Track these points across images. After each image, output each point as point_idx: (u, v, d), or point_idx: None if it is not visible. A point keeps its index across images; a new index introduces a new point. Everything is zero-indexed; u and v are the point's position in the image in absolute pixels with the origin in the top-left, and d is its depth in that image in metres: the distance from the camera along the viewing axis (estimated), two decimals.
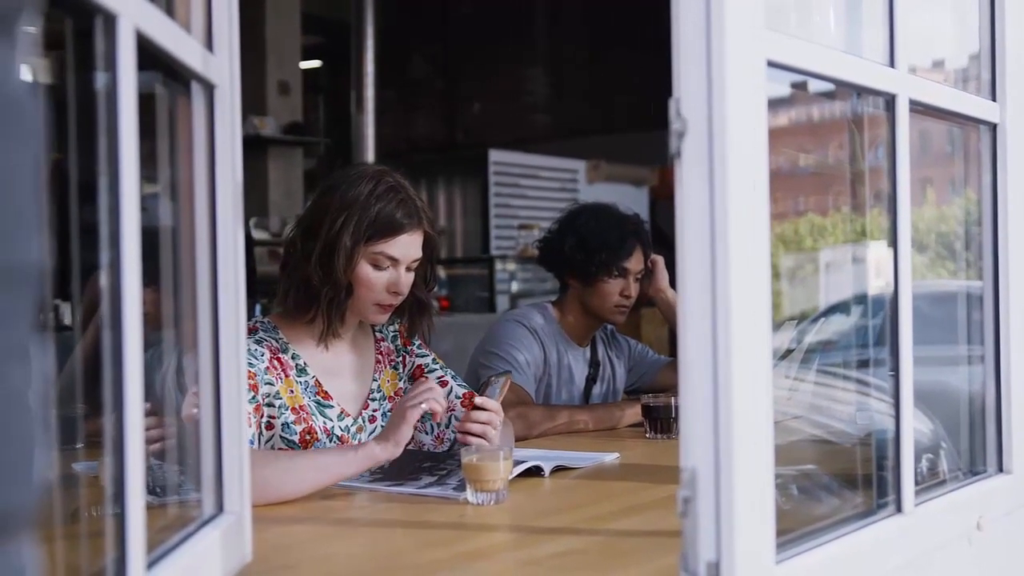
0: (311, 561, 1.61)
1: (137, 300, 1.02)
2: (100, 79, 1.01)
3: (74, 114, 1.04)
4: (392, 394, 2.38)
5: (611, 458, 2.37)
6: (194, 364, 1.39)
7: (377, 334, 2.42)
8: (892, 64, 1.52)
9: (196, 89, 1.34)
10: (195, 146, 1.35)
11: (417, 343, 2.46)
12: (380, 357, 2.39)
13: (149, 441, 1.51)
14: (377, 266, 2.20)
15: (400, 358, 2.43)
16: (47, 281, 0.63)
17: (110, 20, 0.99)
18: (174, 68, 1.24)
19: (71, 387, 1.79)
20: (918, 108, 1.58)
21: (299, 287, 2.21)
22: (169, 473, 1.49)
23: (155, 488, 1.35)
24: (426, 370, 2.43)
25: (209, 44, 1.35)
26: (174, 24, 1.19)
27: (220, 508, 1.37)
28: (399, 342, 2.44)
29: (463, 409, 2.32)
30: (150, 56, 1.11)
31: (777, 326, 1.30)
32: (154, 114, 1.30)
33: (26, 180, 0.60)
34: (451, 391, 2.37)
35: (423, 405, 2.01)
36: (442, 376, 2.41)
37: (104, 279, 1.01)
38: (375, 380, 2.36)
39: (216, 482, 1.37)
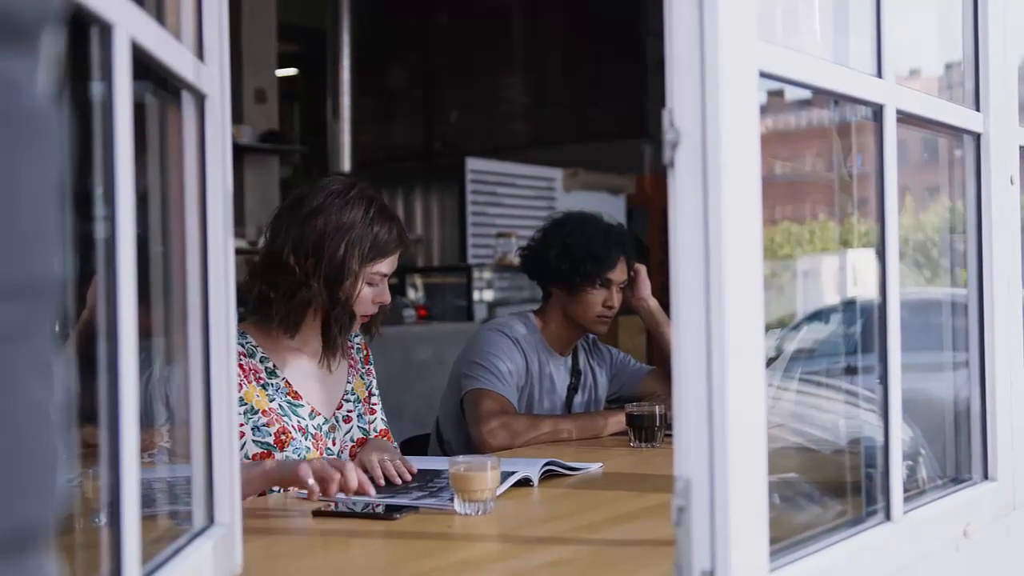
0: (300, 573, 1.60)
1: (132, 310, 1.01)
2: (95, 88, 1.01)
3: (67, 123, 1.03)
4: (363, 399, 2.46)
5: (596, 467, 2.37)
6: (180, 373, 1.39)
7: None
8: (879, 74, 1.53)
9: (187, 99, 1.33)
10: (185, 156, 1.34)
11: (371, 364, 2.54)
12: (352, 362, 2.47)
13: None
14: (371, 284, 2.30)
15: (365, 369, 2.51)
16: (76, 287, 0.63)
17: (106, 30, 0.98)
18: (165, 78, 1.24)
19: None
20: (904, 118, 1.59)
21: (300, 308, 2.26)
22: (155, 484, 1.48)
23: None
24: (371, 393, 2.51)
25: (200, 53, 1.34)
26: (167, 34, 1.19)
27: (211, 520, 1.36)
28: (362, 355, 2.51)
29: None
30: (142, 65, 1.10)
31: None
32: (143, 124, 1.29)
33: (49, 193, 0.60)
34: (350, 430, 2.42)
35: (310, 482, 1.92)
36: (376, 404, 2.51)
37: (100, 289, 1.00)
38: (349, 382, 2.43)
39: (207, 494, 1.36)
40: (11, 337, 0.57)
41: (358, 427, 2.41)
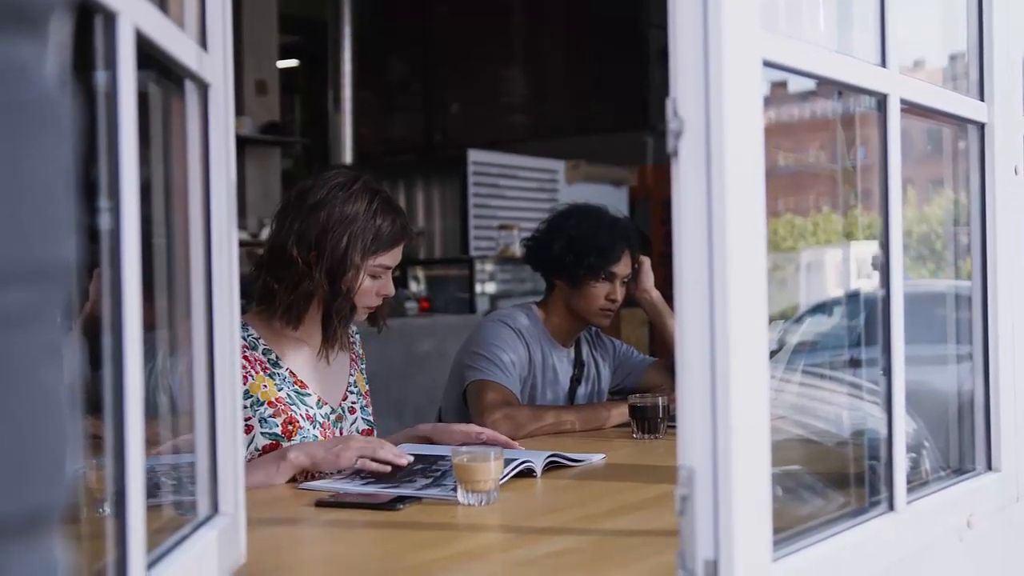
0: (304, 562, 1.60)
1: (137, 301, 1.01)
2: (99, 77, 1.00)
3: (77, 109, 1.03)
4: (363, 393, 2.49)
5: (599, 458, 2.37)
6: (183, 364, 1.39)
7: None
8: (883, 64, 1.53)
9: (190, 88, 1.33)
10: (189, 145, 1.34)
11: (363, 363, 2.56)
12: (354, 356, 2.49)
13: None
14: (373, 276, 2.31)
15: (363, 367, 2.54)
16: (78, 280, 0.63)
17: (110, 18, 0.98)
18: (169, 67, 1.24)
19: None
20: (908, 108, 1.59)
21: (302, 299, 2.28)
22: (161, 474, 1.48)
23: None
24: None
25: (203, 42, 1.34)
26: (171, 23, 1.18)
27: (215, 509, 1.36)
28: (361, 353, 2.54)
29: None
30: (145, 54, 1.10)
31: None
32: (147, 113, 1.29)
33: (59, 178, 0.60)
34: (355, 421, 2.44)
35: (357, 464, 2.09)
36: (365, 404, 2.50)
37: (104, 280, 1.00)
38: (351, 375, 2.46)
39: (211, 483, 1.36)
40: (22, 322, 0.57)
41: (362, 419, 2.44)
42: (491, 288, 7.53)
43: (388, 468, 2.10)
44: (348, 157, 8.69)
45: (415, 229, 8.60)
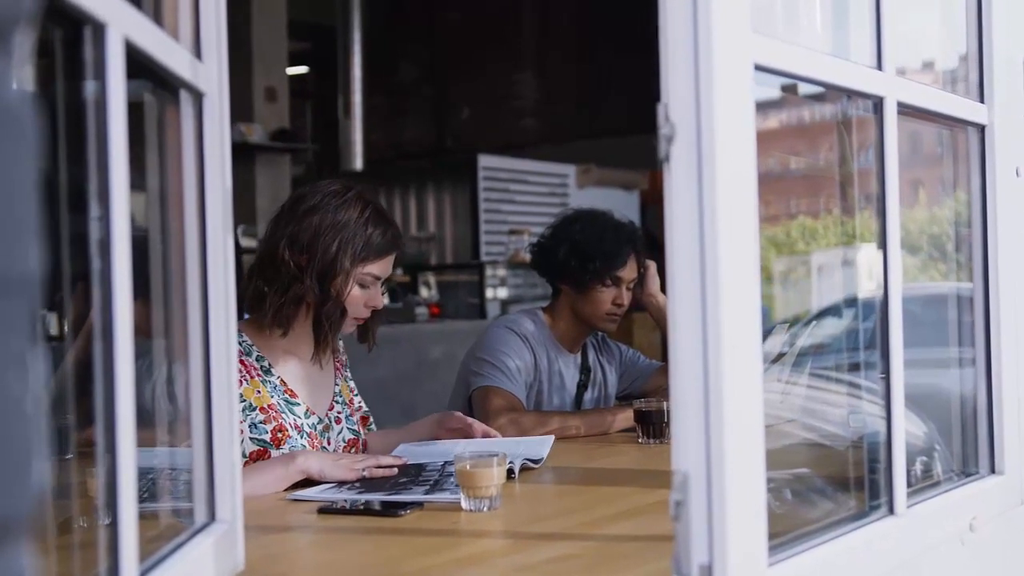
0: (303, 570, 1.61)
1: (128, 310, 1.01)
2: (89, 88, 1.01)
3: (62, 123, 1.04)
4: (348, 401, 2.51)
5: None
6: (184, 374, 1.39)
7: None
8: (880, 67, 1.53)
9: (185, 97, 1.33)
10: (184, 155, 1.35)
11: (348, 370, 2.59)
12: (338, 365, 2.52)
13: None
14: (362, 285, 2.33)
15: (347, 372, 2.56)
16: (41, 290, 0.64)
17: (99, 29, 0.99)
18: (162, 76, 1.24)
19: (61, 397, 1.79)
20: (906, 110, 1.59)
21: (292, 303, 2.30)
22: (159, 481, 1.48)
23: (144, 495, 1.34)
24: (355, 394, 2.57)
25: (197, 52, 1.34)
26: (163, 32, 1.19)
27: (212, 517, 1.36)
28: (345, 359, 2.57)
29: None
30: (138, 64, 1.11)
31: (769, 330, 1.30)
32: (142, 123, 1.30)
33: (24, 189, 0.60)
34: (341, 431, 2.46)
35: (364, 473, 2.14)
36: (350, 413, 2.51)
37: (95, 289, 1.00)
38: (336, 385, 2.48)
39: (208, 491, 1.36)
40: None
41: (347, 428, 2.47)
42: (502, 293, 7.53)
43: (395, 471, 2.15)
44: (359, 163, 8.69)
45: (426, 234, 8.49)
